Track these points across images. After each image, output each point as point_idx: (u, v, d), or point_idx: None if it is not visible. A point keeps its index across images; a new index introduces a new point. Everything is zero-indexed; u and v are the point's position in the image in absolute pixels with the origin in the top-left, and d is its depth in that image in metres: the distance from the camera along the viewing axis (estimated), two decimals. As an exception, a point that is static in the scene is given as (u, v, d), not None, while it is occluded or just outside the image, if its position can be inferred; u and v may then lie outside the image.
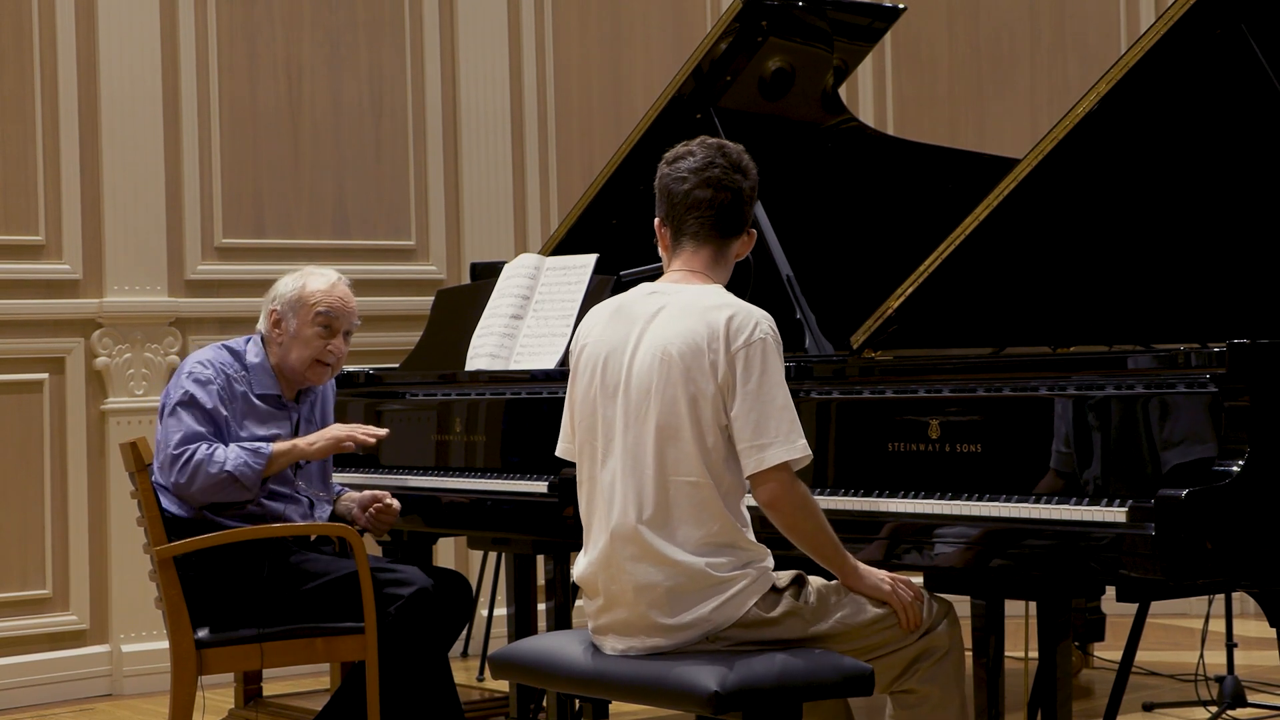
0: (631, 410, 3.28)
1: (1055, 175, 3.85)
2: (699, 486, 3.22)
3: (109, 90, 6.11)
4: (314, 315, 4.37)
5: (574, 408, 3.41)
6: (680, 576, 3.22)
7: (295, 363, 4.36)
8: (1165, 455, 3.30)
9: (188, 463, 4.17)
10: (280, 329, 4.38)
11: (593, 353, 3.37)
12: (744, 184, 3.39)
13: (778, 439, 3.20)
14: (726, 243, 3.41)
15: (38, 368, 6.04)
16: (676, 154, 3.42)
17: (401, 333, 6.26)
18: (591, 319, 3.43)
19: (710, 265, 3.39)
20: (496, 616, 6.18)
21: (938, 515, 3.55)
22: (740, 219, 3.40)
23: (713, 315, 3.26)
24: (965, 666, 3.50)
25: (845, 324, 4.14)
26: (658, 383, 3.25)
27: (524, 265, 4.92)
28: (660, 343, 3.27)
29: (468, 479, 4.64)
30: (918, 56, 7.48)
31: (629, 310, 3.37)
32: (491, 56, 6.87)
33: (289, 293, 4.40)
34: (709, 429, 3.23)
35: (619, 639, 3.30)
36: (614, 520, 3.27)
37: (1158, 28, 3.75)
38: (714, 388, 3.22)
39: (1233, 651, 5.02)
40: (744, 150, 3.43)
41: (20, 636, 5.95)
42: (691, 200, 3.37)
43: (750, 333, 3.23)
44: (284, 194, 6.53)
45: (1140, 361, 3.38)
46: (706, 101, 4.90)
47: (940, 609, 3.44)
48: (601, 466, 3.32)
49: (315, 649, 4.19)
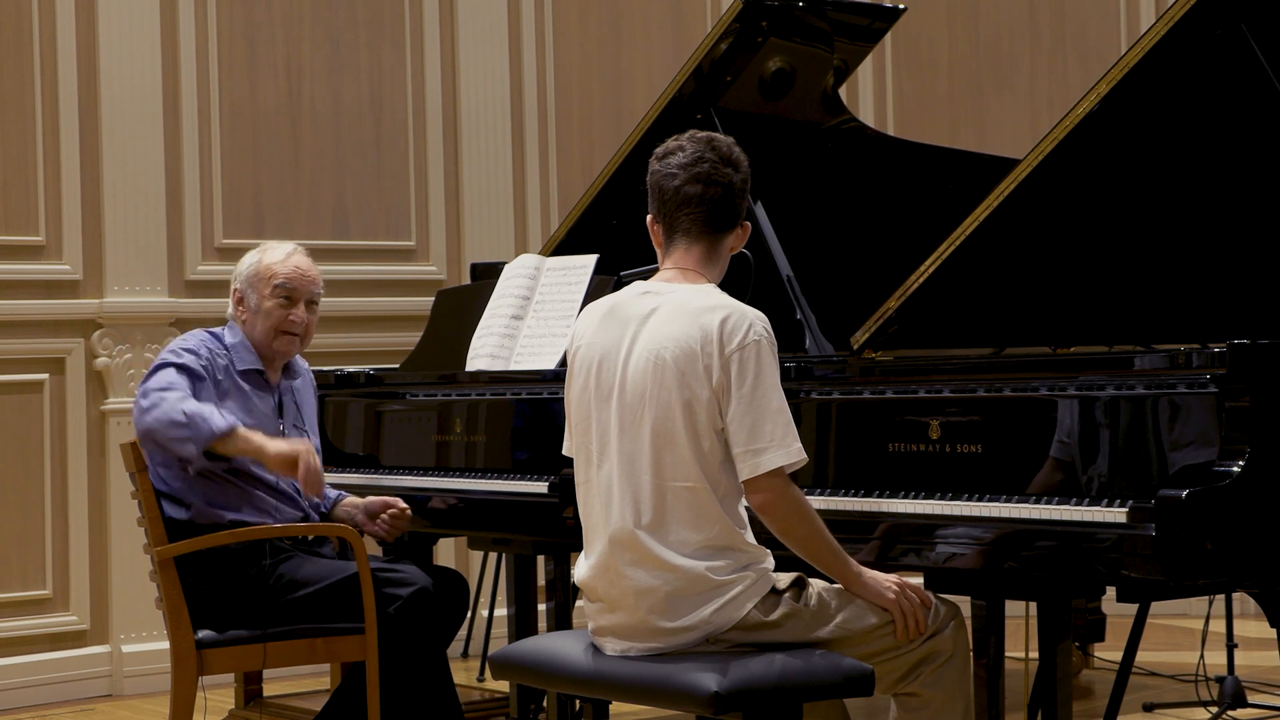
0: (626, 415, 3.26)
1: (1055, 176, 3.85)
2: (695, 491, 3.21)
3: (109, 90, 6.12)
4: (273, 288, 4.39)
5: (570, 409, 3.41)
6: (679, 581, 3.21)
7: (261, 336, 4.38)
8: (1165, 456, 3.29)
9: (159, 393, 4.13)
10: (243, 306, 4.41)
11: (586, 355, 3.35)
12: (735, 177, 3.35)
13: (772, 444, 3.19)
14: (720, 238, 3.38)
15: (38, 368, 6.04)
16: (666, 149, 3.39)
17: (401, 333, 6.26)
18: (585, 320, 3.41)
19: (703, 262, 3.36)
20: (496, 616, 6.17)
21: (938, 516, 3.55)
22: (733, 213, 3.37)
23: (706, 318, 3.23)
24: (970, 671, 3.49)
25: (845, 324, 4.14)
26: (652, 388, 3.24)
27: (524, 265, 4.92)
28: (654, 346, 3.25)
29: (468, 479, 4.64)
30: (918, 56, 7.48)
31: (622, 311, 3.35)
32: (491, 56, 6.87)
33: (247, 269, 4.43)
34: (704, 433, 3.21)
35: (619, 641, 3.30)
36: (612, 525, 3.26)
37: (1158, 28, 3.75)
38: (708, 392, 3.21)
39: (1233, 652, 5.02)
40: (734, 142, 3.39)
41: (20, 637, 5.95)
42: (682, 196, 3.34)
43: (744, 335, 3.21)
44: (284, 194, 6.53)
45: (1141, 362, 3.38)
46: (707, 102, 4.90)
47: (947, 613, 3.43)
48: (598, 469, 3.31)
49: (316, 649, 4.19)
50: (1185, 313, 3.96)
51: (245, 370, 4.36)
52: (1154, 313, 3.99)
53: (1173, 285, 4.00)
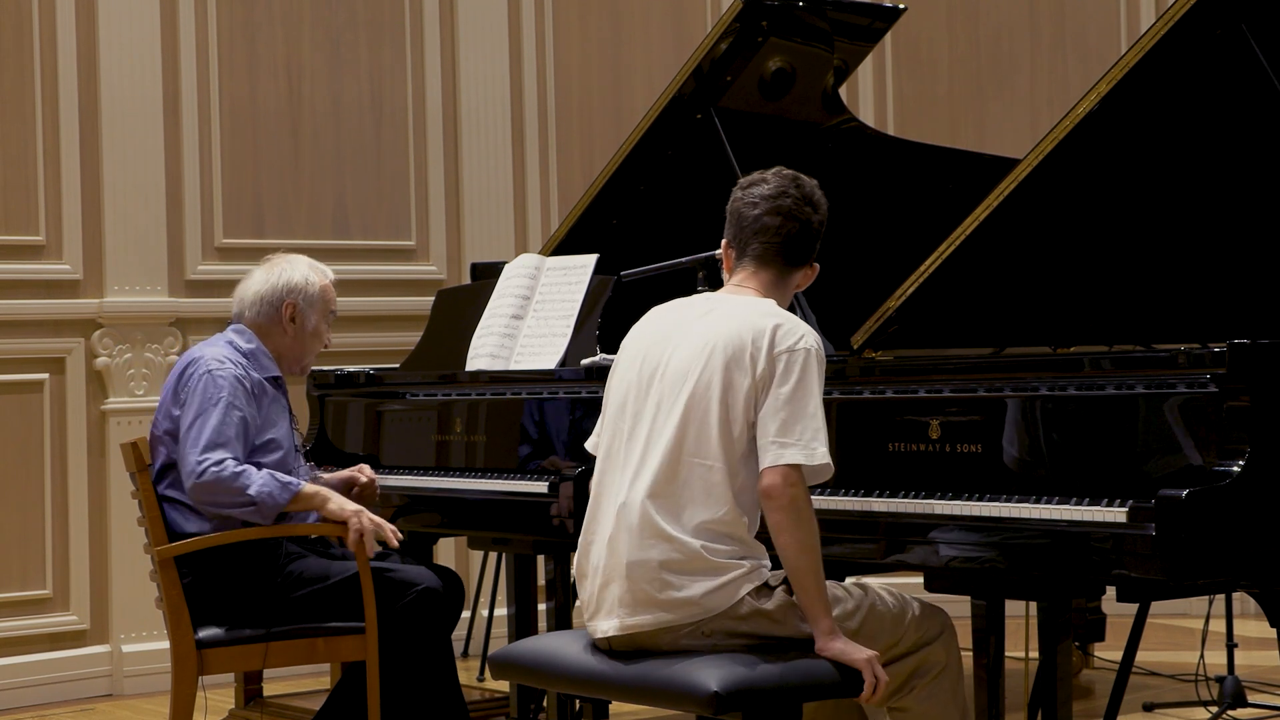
0: (666, 393, 3.32)
1: (1055, 176, 3.85)
2: (712, 470, 3.24)
3: (109, 90, 6.12)
4: (329, 313, 4.48)
5: (609, 395, 3.46)
6: (675, 553, 3.23)
7: (306, 355, 4.44)
8: (1165, 455, 3.29)
9: (215, 474, 4.09)
10: (296, 323, 4.40)
11: (637, 344, 3.44)
12: (814, 217, 3.45)
13: (800, 442, 3.22)
14: (789, 271, 3.46)
15: (38, 368, 6.04)
16: (751, 180, 3.48)
17: (401, 333, 6.26)
18: (643, 321, 3.50)
19: (769, 286, 3.45)
20: (496, 616, 6.17)
21: (938, 515, 3.55)
22: (807, 250, 3.46)
23: (762, 321, 3.31)
24: (962, 681, 3.49)
25: (845, 324, 4.14)
26: (695, 368, 3.30)
27: (524, 265, 4.92)
28: (706, 336, 3.32)
29: (468, 479, 4.64)
30: (918, 56, 7.47)
31: (680, 308, 3.46)
32: (491, 56, 6.87)
33: (308, 288, 4.42)
34: (737, 420, 3.26)
35: (607, 619, 3.30)
36: (624, 494, 3.30)
37: (1158, 28, 3.75)
38: (750, 382, 3.25)
39: (1233, 651, 5.02)
40: (818, 185, 3.48)
41: (20, 636, 5.95)
42: (760, 225, 3.42)
43: (796, 341, 3.28)
44: (284, 194, 6.53)
45: (1141, 362, 3.38)
46: (707, 101, 4.90)
47: (937, 619, 3.43)
48: (626, 442, 3.35)
49: (316, 649, 4.19)
50: (1185, 313, 3.97)
51: (266, 377, 4.35)
52: (1154, 313, 3.99)
53: (1172, 285, 4.00)
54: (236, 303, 4.46)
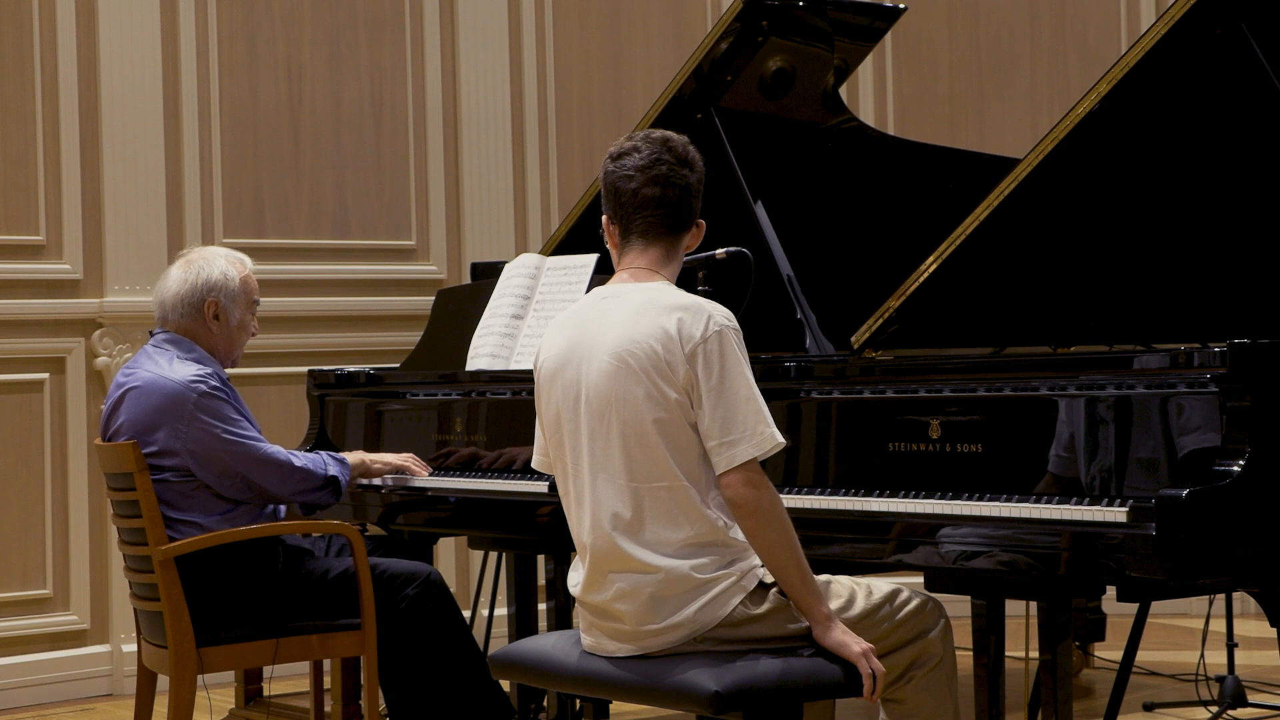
0: (595, 421, 3.24)
1: (1056, 175, 3.85)
2: (673, 490, 3.19)
3: (109, 90, 6.12)
4: (252, 303, 4.39)
5: (543, 423, 3.39)
6: (662, 582, 3.19)
7: (235, 348, 4.37)
8: (1166, 455, 3.30)
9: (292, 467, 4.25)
10: (220, 320, 4.33)
11: (550, 367, 3.34)
12: (691, 178, 3.34)
13: (745, 434, 3.16)
14: (676, 238, 3.36)
15: (38, 368, 6.04)
16: (621, 149, 3.35)
17: (401, 333, 6.26)
18: (550, 333, 3.39)
19: (660, 262, 3.34)
20: (496, 616, 6.17)
21: (938, 515, 3.54)
22: (689, 213, 3.36)
23: (664, 318, 3.21)
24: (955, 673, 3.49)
25: (846, 324, 4.14)
26: (616, 391, 3.22)
27: (524, 265, 4.92)
28: (615, 350, 3.23)
29: (468, 479, 4.64)
30: (918, 56, 7.48)
31: (581, 319, 3.33)
32: (491, 56, 6.87)
33: (228, 284, 4.32)
34: (679, 430, 3.19)
35: (611, 642, 3.30)
36: (593, 532, 3.25)
37: (1158, 28, 3.75)
38: (676, 392, 3.18)
39: (1233, 651, 5.02)
40: (689, 141, 3.37)
41: (20, 636, 5.96)
42: (640, 199, 3.31)
43: (704, 329, 3.19)
44: (284, 194, 6.53)
45: (1141, 361, 3.38)
46: (707, 101, 4.90)
47: (934, 609, 3.43)
48: (575, 479, 3.29)
49: (313, 646, 4.19)
50: (1185, 313, 3.97)
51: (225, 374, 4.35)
52: (1154, 313, 3.99)
53: (1173, 285, 4.00)
54: (158, 306, 4.37)
